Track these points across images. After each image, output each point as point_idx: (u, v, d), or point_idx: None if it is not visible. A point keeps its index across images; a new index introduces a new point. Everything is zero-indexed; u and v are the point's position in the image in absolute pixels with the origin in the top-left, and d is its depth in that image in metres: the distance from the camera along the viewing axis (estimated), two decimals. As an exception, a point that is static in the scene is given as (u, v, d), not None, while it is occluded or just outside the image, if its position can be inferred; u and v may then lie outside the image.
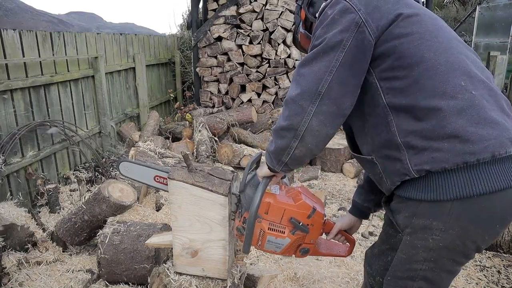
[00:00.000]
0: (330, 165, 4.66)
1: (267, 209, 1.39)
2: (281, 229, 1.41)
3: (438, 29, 1.13)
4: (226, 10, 5.59)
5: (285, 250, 1.45)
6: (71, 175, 3.91)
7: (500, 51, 7.44)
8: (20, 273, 2.46)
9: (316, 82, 1.10)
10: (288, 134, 1.17)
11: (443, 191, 1.04)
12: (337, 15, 1.11)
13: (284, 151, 1.20)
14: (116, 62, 5.11)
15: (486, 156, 1.00)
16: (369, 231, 3.22)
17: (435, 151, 1.03)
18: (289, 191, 1.45)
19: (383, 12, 1.10)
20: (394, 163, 1.12)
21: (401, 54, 1.08)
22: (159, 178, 1.72)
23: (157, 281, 1.78)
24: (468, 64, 1.09)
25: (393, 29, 1.09)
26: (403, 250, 1.18)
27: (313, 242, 1.46)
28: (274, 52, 5.61)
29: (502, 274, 2.64)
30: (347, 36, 1.08)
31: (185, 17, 9.15)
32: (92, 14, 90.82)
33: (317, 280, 2.48)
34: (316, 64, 1.11)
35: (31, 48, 3.46)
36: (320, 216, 1.41)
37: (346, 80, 1.10)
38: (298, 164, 1.26)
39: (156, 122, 5.29)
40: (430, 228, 1.08)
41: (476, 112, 1.02)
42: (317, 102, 1.10)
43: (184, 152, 1.61)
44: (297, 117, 1.13)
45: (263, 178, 1.38)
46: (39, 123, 3.54)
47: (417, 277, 1.15)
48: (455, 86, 1.04)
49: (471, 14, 10.85)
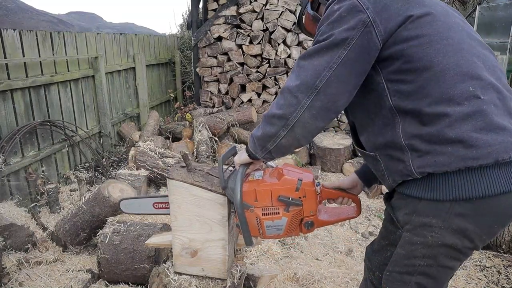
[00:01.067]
0: (330, 165, 4.66)
1: (255, 196, 1.37)
2: (274, 211, 1.39)
3: (450, 28, 1.09)
4: (226, 10, 5.59)
5: (288, 230, 1.43)
6: (71, 175, 3.92)
7: (500, 51, 7.44)
8: (20, 273, 2.46)
9: (315, 76, 1.09)
10: (278, 123, 1.17)
11: (443, 192, 1.05)
12: (344, 12, 1.08)
13: (271, 138, 1.20)
14: (116, 62, 5.11)
15: (488, 162, 1.01)
16: (369, 231, 3.22)
17: (439, 155, 1.04)
18: (272, 172, 1.43)
19: (392, 12, 1.07)
20: (397, 163, 1.12)
21: (409, 58, 1.06)
22: (157, 204, 1.76)
23: (157, 281, 1.78)
24: (478, 66, 1.07)
25: (401, 32, 1.06)
26: (403, 246, 1.19)
27: (313, 213, 1.41)
28: (274, 52, 5.61)
29: (502, 274, 2.64)
30: (353, 35, 1.06)
31: (185, 17, 9.16)
32: (92, 14, 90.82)
33: (317, 280, 2.48)
34: (317, 58, 1.10)
35: (31, 48, 3.46)
36: (310, 185, 1.37)
37: (345, 78, 1.09)
38: (282, 153, 1.26)
39: (156, 122, 5.29)
40: (429, 225, 1.09)
41: (482, 118, 1.02)
42: (312, 96, 1.10)
43: (183, 152, 1.61)
44: (291, 107, 1.13)
45: (240, 166, 1.38)
46: (39, 123, 3.54)
47: (415, 272, 1.17)
48: (462, 92, 1.03)
49: (471, 14, 10.85)
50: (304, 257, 2.82)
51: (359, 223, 3.39)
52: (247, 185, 1.38)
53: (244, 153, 1.36)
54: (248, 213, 1.39)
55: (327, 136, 5.12)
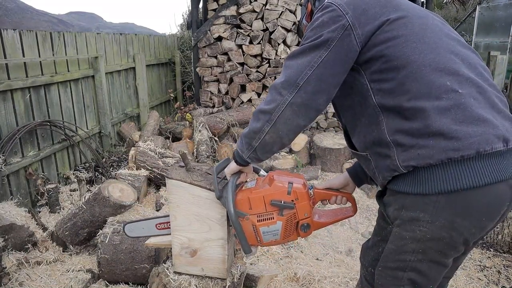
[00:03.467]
0: (330, 165, 4.66)
1: (249, 204, 1.41)
2: (269, 216, 1.42)
3: (426, 29, 1.16)
4: (226, 10, 5.59)
5: (285, 234, 1.45)
6: (71, 175, 3.92)
7: (500, 51, 7.42)
8: (20, 273, 2.46)
9: (297, 74, 1.17)
10: (263, 117, 1.23)
11: (428, 185, 1.08)
12: (326, 18, 1.18)
13: (256, 134, 1.26)
14: (116, 62, 5.11)
15: (470, 153, 1.03)
16: (369, 231, 3.22)
17: (421, 148, 1.07)
18: (264, 180, 1.47)
19: (369, 16, 1.15)
20: (385, 159, 1.17)
21: (388, 58, 1.13)
22: (160, 225, 1.78)
23: (156, 281, 1.78)
24: (456, 62, 1.12)
25: (380, 34, 1.14)
26: (393, 242, 1.21)
27: (308, 215, 1.44)
28: (274, 52, 5.61)
29: (502, 274, 2.64)
30: (333, 37, 1.14)
31: (185, 17, 9.16)
32: (92, 14, 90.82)
33: (317, 280, 2.48)
34: (301, 58, 1.18)
35: (31, 48, 3.46)
36: (301, 188, 1.41)
37: (325, 77, 1.16)
38: (266, 152, 1.30)
39: (156, 122, 5.29)
40: (417, 219, 1.11)
41: (461, 111, 1.06)
42: (294, 93, 1.17)
43: (182, 151, 1.62)
44: (274, 103, 1.20)
45: (231, 176, 1.44)
46: (39, 123, 3.54)
47: (407, 268, 1.19)
48: (440, 86, 1.08)
49: (471, 14, 10.85)
50: (304, 257, 2.82)
51: (359, 223, 3.39)
52: (240, 194, 1.43)
53: (232, 162, 1.43)
54: (244, 221, 1.43)
55: (327, 136, 5.12)
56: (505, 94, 6.37)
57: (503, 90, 6.51)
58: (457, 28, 11.40)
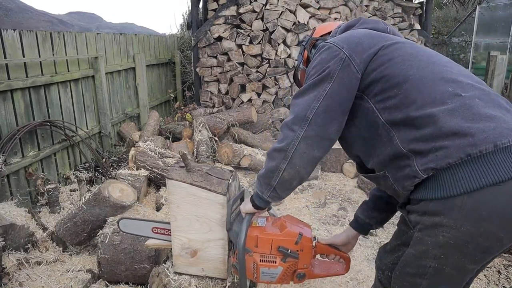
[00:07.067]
0: (330, 165, 4.66)
1: (256, 242, 1.45)
2: (272, 259, 1.46)
3: (418, 51, 1.25)
4: (226, 10, 5.59)
5: (281, 279, 1.50)
6: (71, 175, 3.92)
7: (500, 51, 7.43)
8: (20, 273, 2.46)
9: (305, 108, 1.24)
10: (278, 156, 1.28)
11: (451, 187, 1.05)
12: (324, 55, 1.27)
13: (273, 173, 1.30)
14: (116, 62, 5.11)
15: (488, 146, 1.01)
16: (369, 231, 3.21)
17: (438, 150, 1.06)
18: (275, 221, 1.51)
19: (365, 46, 1.25)
20: (404, 169, 1.15)
21: (388, 77, 1.19)
22: (157, 229, 1.79)
23: (156, 281, 1.78)
24: (453, 73, 1.17)
25: (376, 59, 1.23)
26: (414, 246, 1.18)
27: (307, 266, 1.50)
28: (274, 52, 5.61)
29: (502, 274, 2.64)
30: (334, 69, 1.23)
31: (185, 17, 9.17)
32: (92, 14, 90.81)
33: (317, 280, 2.48)
34: (307, 94, 1.26)
35: (31, 48, 3.46)
36: (308, 241, 1.47)
37: (332, 107, 1.23)
38: (286, 189, 1.35)
39: (156, 122, 5.29)
40: (440, 225, 1.07)
41: (468, 110, 1.06)
42: (305, 127, 1.23)
43: (182, 152, 1.62)
44: (288, 139, 1.26)
45: (246, 214, 1.47)
46: (39, 123, 3.54)
47: (426, 275, 1.14)
48: (443, 92, 1.11)
49: (471, 14, 10.85)
50: (304, 257, 2.81)
51: (359, 223, 3.38)
52: (250, 230, 1.46)
53: (249, 203, 1.46)
54: (247, 257, 1.46)
55: (327, 136, 5.12)
56: (505, 94, 6.36)
57: (503, 90, 6.50)
58: (457, 28, 11.40)
